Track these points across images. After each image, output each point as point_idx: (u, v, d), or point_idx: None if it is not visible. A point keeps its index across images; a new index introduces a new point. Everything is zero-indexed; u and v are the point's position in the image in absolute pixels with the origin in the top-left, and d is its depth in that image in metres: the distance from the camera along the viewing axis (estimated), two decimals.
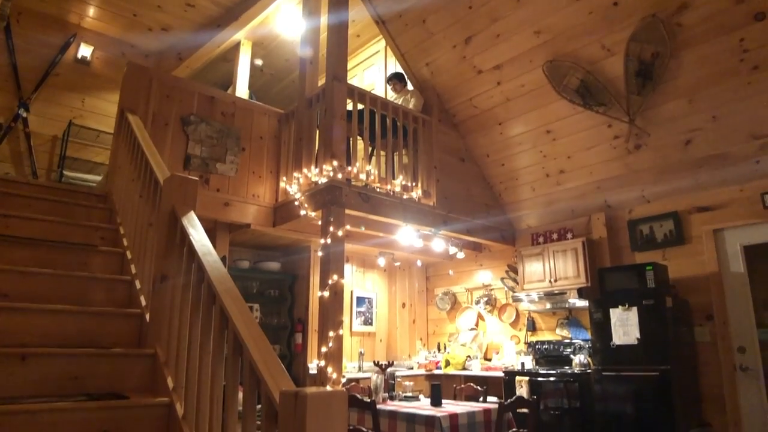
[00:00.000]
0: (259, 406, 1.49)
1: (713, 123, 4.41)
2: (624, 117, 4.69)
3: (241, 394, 1.66)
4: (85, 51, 5.90)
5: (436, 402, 3.73)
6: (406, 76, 5.82)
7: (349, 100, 4.64)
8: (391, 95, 5.78)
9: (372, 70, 6.84)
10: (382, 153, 4.92)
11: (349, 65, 6.14)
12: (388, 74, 6.06)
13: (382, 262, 6.25)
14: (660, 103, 4.55)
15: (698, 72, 4.26)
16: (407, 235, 5.11)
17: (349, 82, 4.76)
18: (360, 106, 4.75)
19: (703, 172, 4.71)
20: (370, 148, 4.87)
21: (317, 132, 4.78)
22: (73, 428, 1.92)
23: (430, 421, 3.25)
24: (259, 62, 6.72)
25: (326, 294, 4.04)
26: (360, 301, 6.39)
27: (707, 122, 4.44)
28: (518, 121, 5.44)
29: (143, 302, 2.68)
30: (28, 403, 1.90)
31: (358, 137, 4.78)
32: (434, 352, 6.66)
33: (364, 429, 3.29)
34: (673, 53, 4.27)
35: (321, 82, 5.04)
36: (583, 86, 4.76)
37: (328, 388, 1.24)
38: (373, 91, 5.46)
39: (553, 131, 5.27)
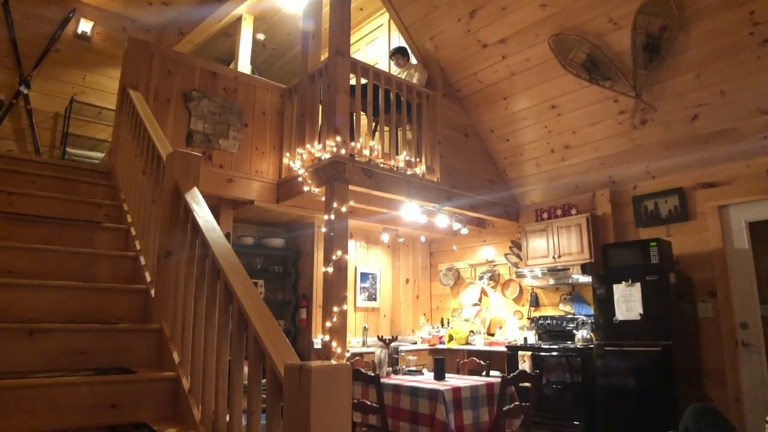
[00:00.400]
0: (264, 380, 1.51)
1: (721, 98, 4.35)
2: (630, 92, 4.62)
3: (246, 369, 1.68)
4: (85, 26, 5.84)
5: (439, 376, 3.77)
6: (409, 50, 5.74)
7: (352, 75, 4.59)
8: (395, 70, 5.71)
9: (375, 44, 6.75)
10: (386, 128, 4.88)
11: (352, 39, 6.05)
12: (391, 48, 5.98)
13: (385, 238, 6.26)
14: (667, 77, 4.49)
15: (707, 45, 4.19)
16: (411, 211, 5.10)
17: (352, 56, 4.70)
18: (363, 81, 4.70)
19: (710, 147, 4.66)
20: (373, 124, 4.84)
21: (320, 107, 4.74)
22: (82, 402, 1.95)
23: (433, 394, 3.29)
24: (261, 37, 6.63)
25: (330, 270, 4.06)
26: (364, 276, 6.42)
27: (715, 97, 4.37)
28: (523, 95, 5.37)
29: (148, 278, 2.69)
30: (37, 377, 1.93)
31: (362, 113, 4.74)
32: (437, 327, 6.71)
33: (368, 402, 3.34)
34: (682, 26, 4.19)
35: (324, 56, 4.98)
36: (589, 60, 4.69)
37: (333, 362, 1.24)
38: (376, 66, 5.39)
39: (559, 106, 5.21)
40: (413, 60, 5.76)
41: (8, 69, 5.44)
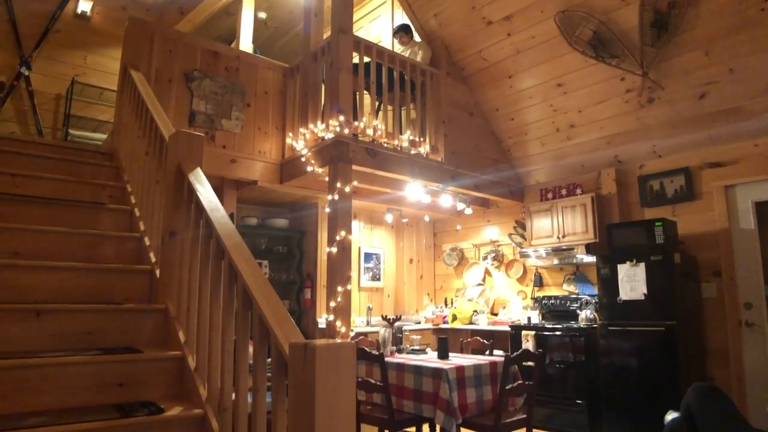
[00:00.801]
0: (269, 360, 1.51)
1: (730, 76, 4.28)
2: (637, 70, 4.56)
3: (251, 348, 1.69)
4: (84, 6, 5.77)
5: (443, 355, 3.79)
6: (413, 28, 5.67)
7: (355, 53, 4.54)
8: (398, 48, 5.64)
9: (378, 21, 6.66)
10: (389, 107, 4.84)
11: (355, 17, 5.97)
12: (394, 26, 5.91)
13: (389, 218, 6.25)
14: (675, 55, 4.42)
15: (716, 22, 4.11)
16: (415, 191, 5.09)
17: (355, 34, 4.64)
18: (366, 59, 4.65)
19: (717, 126, 4.61)
20: (377, 103, 4.80)
21: (323, 86, 4.70)
22: (90, 381, 1.97)
23: (437, 373, 3.31)
24: (262, 15, 6.56)
25: (334, 250, 4.07)
26: (368, 257, 6.44)
27: (723, 75, 4.31)
28: (529, 74, 5.31)
29: (153, 258, 2.70)
30: (45, 356, 1.95)
31: (365, 92, 4.70)
32: (441, 307, 6.74)
33: (372, 380, 3.37)
34: (691, 2, 4.11)
35: (326, 34, 4.92)
36: (596, 38, 4.61)
37: (338, 340, 1.25)
38: (379, 44, 5.33)
39: (564, 84, 5.15)
40: (417, 38, 5.69)
41: (8, 50, 5.40)
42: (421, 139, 5.01)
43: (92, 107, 5.82)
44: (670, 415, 2.81)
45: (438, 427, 3.43)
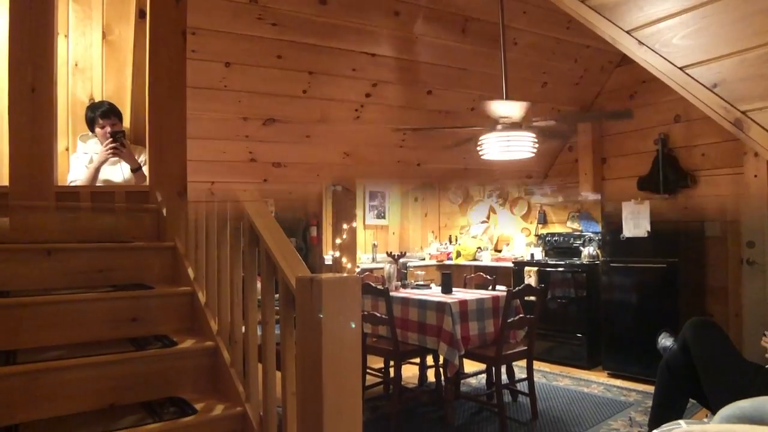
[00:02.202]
0: (278, 296, 1.55)
1: None
2: None
3: (259, 285, 1.73)
4: None
5: (446, 290, 3.87)
6: None
7: None
8: None
9: None
10: None
11: None
12: None
13: None
14: None
15: None
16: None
17: None
18: None
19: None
20: None
21: None
22: (104, 316, 2.03)
23: (440, 306, 3.39)
24: None
25: (339, 188, 4.07)
26: (372, 195, 6.45)
27: None
28: None
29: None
30: (59, 294, 2.00)
31: None
32: (446, 244, 6.81)
33: (378, 314, 3.46)
34: None
35: None
36: None
37: (343, 274, 1.27)
38: None
39: None
40: None
41: None
42: None
43: None
44: (663, 339, 2.90)
45: (441, 358, 3.56)
